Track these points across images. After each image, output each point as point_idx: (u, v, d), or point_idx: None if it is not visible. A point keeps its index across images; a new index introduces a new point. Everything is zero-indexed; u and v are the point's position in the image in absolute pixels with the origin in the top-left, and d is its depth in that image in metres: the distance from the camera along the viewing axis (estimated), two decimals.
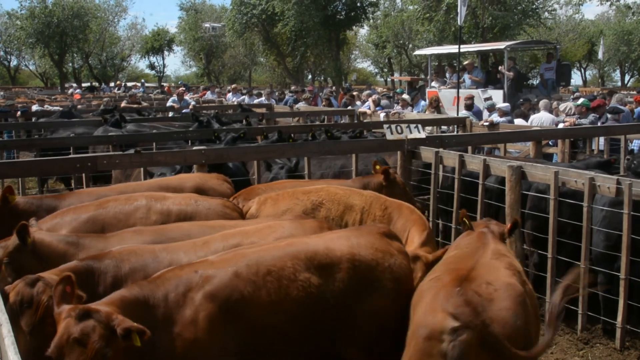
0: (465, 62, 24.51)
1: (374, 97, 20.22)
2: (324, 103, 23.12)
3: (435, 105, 18.00)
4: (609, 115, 13.98)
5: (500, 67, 22.40)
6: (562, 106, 15.75)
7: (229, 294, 3.90)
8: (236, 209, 6.17)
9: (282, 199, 6.19)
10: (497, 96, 19.71)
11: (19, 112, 18.96)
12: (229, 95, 28.60)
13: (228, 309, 3.87)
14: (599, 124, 13.77)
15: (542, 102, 15.42)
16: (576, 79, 61.12)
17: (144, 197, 5.92)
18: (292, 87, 32.81)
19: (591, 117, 14.19)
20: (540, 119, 14.60)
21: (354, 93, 23.08)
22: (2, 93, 39.27)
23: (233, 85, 35.12)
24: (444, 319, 3.73)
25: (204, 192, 6.57)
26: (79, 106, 21.39)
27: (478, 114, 16.27)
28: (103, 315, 3.44)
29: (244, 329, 3.90)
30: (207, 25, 58.61)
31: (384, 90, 34.95)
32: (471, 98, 17.29)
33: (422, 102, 19.92)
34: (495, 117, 15.13)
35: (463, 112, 16.36)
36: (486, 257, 4.36)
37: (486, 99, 16.84)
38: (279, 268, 4.09)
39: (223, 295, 3.88)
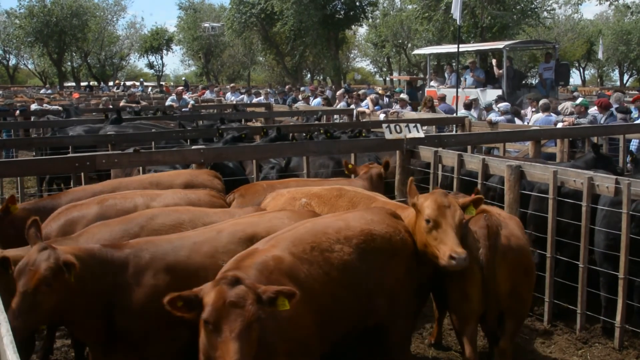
0: (469, 61, 24.55)
1: (372, 96, 20.23)
2: (322, 103, 23.12)
3: (430, 105, 18.01)
4: (618, 115, 14.01)
5: (494, 67, 22.44)
6: (560, 106, 15.76)
7: (297, 272, 4.31)
8: (221, 197, 6.57)
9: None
10: (495, 96, 19.75)
11: (17, 111, 18.94)
12: (228, 94, 28.59)
13: (302, 287, 4.17)
14: (602, 122, 13.79)
15: (542, 103, 15.43)
16: (575, 78, 61.26)
17: (140, 196, 6.05)
18: (287, 87, 32.65)
19: (590, 116, 14.20)
20: (540, 120, 14.62)
21: (359, 92, 23.07)
22: (0, 92, 39.26)
23: (232, 84, 35.10)
24: None
25: (195, 188, 6.73)
26: (78, 105, 21.35)
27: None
28: (250, 283, 3.72)
29: (313, 301, 4.29)
30: (206, 24, 58.56)
31: (383, 90, 34.85)
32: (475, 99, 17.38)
33: None
34: (495, 116, 15.15)
35: (462, 112, 16.36)
36: None
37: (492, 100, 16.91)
38: (318, 243, 4.56)
39: (294, 274, 4.27)
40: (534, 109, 16.33)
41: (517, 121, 15.44)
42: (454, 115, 16.82)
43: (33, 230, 4.38)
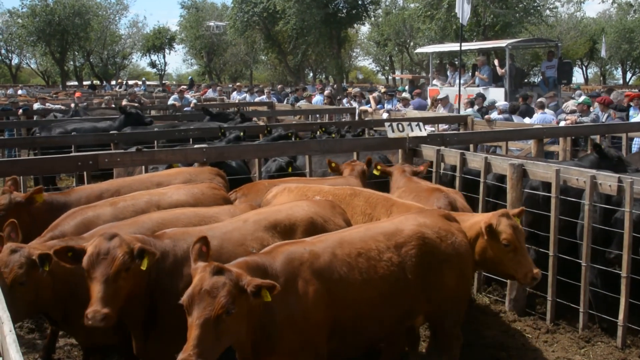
0: (477, 59, 24.50)
1: (375, 94, 20.22)
2: (325, 101, 23.13)
3: (437, 105, 18.07)
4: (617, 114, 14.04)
5: (497, 66, 22.41)
6: (564, 105, 15.76)
7: (331, 272, 4.41)
8: (223, 189, 6.74)
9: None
10: (499, 94, 19.76)
11: (20, 110, 18.95)
12: (234, 94, 28.55)
13: (330, 285, 4.36)
14: (603, 120, 13.78)
15: (537, 101, 15.44)
16: (578, 76, 61.16)
17: (148, 195, 6.19)
18: (279, 87, 32.53)
19: (592, 115, 14.19)
20: (543, 119, 14.62)
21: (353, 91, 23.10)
22: (2, 91, 39.27)
23: (237, 84, 35.05)
24: None
25: None
26: (80, 104, 21.33)
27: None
28: (234, 275, 3.85)
29: (342, 304, 4.41)
30: (211, 23, 58.41)
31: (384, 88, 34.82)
32: (482, 96, 17.37)
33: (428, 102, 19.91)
34: (494, 115, 15.16)
35: (468, 111, 16.32)
36: None
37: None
38: (366, 250, 4.64)
39: (327, 273, 4.38)
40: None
41: (522, 120, 15.42)
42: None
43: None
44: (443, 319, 5.13)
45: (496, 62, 22.36)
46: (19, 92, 34.40)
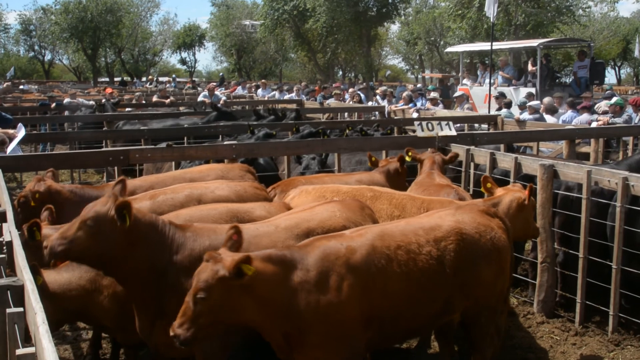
0: (500, 59, 24.35)
1: (405, 94, 20.17)
2: (354, 99, 23.10)
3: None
4: None
5: (530, 65, 22.23)
6: (596, 106, 15.58)
7: (368, 266, 4.42)
8: (264, 190, 6.64)
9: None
10: (526, 94, 19.58)
11: (53, 104, 19.21)
12: (259, 91, 28.65)
13: (367, 280, 4.38)
14: (636, 121, 13.60)
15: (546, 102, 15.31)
16: (610, 77, 60.35)
17: (189, 189, 6.17)
18: (302, 84, 32.50)
19: (625, 116, 14.01)
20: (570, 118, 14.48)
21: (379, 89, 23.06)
22: (36, 87, 39.82)
23: (262, 81, 35.12)
24: None
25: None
26: (111, 100, 21.56)
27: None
28: (219, 264, 4.00)
29: (380, 297, 4.44)
30: (247, 22, 58.50)
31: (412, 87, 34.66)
32: (502, 95, 17.21)
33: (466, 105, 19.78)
34: (525, 115, 15.03)
35: (503, 111, 16.18)
36: None
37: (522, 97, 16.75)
38: (406, 243, 4.65)
39: (364, 268, 4.39)
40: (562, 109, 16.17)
41: (551, 119, 15.27)
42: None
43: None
44: (479, 316, 5.12)
45: (530, 61, 22.15)
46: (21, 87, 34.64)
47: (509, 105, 16.86)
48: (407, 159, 7.77)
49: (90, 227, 4.47)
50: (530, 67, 21.76)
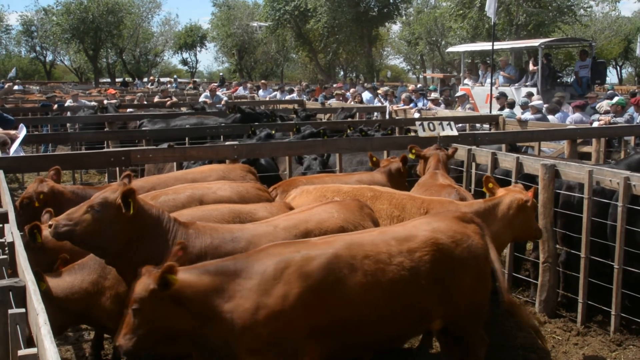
0: (500, 59, 24.34)
1: (404, 95, 20.16)
2: (356, 100, 23.09)
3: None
4: None
5: (530, 65, 22.22)
6: (597, 105, 15.56)
7: (325, 275, 4.29)
8: (267, 191, 6.62)
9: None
10: (526, 93, 19.56)
11: (55, 105, 19.22)
12: (260, 92, 28.64)
13: (323, 289, 4.26)
14: (638, 121, 13.59)
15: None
16: (612, 77, 60.31)
17: (191, 189, 6.19)
18: (303, 84, 32.48)
19: (627, 115, 14.00)
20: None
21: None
22: (38, 87, 39.84)
23: (262, 81, 35.09)
24: None
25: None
26: (112, 101, 21.57)
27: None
28: (147, 277, 4.06)
29: (340, 307, 4.33)
30: (254, 24, 58.35)
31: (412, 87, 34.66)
32: (504, 95, 17.20)
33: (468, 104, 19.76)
34: (527, 115, 15.01)
35: (505, 111, 16.17)
36: None
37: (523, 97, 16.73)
38: (375, 252, 4.53)
39: (319, 277, 4.26)
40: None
41: (553, 119, 15.25)
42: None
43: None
44: (464, 323, 5.06)
45: (531, 61, 22.14)
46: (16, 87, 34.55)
47: (511, 105, 16.85)
48: (411, 156, 7.77)
49: (96, 212, 4.55)
50: (531, 67, 21.75)
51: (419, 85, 29.43)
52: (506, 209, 5.82)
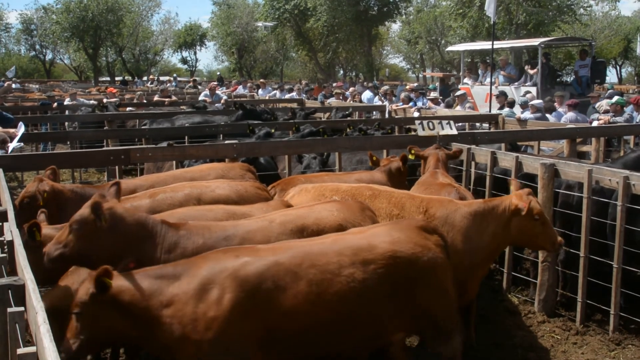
0: (500, 58, 24.33)
1: (403, 94, 20.16)
2: (355, 99, 23.10)
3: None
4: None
5: (525, 67, 22.22)
6: (597, 104, 15.56)
7: (262, 281, 4.14)
8: (266, 190, 6.56)
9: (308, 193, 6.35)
10: (524, 93, 19.56)
11: (55, 104, 19.23)
12: (260, 91, 28.62)
13: (256, 296, 4.10)
14: (637, 121, 13.59)
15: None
16: (611, 76, 60.32)
17: (189, 188, 6.15)
18: (303, 83, 32.46)
19: (626, 115, 14.00)
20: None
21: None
22: (37, 86, 39.82)
23: (261, 80, 35.06)
24: None
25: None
26: (112, 99, 21.56)
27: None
28: (87, 282, 4.08)
29: (279, 317, 4.14)
30: (259, 24, 58.24)
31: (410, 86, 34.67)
32: (504, 94, 17.21)
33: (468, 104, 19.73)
34: (527, 114, 15.01)
35: (505, 110, 16.16)
36: None
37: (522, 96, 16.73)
38: (324, 262, 4.33)
39: (255, 282, 4.13)
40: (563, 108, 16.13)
41: (551, 119, 15.26)
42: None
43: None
44: (429, 330, 4.81)
45: (526, 67, 22.14)
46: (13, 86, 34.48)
47: (511, 104, 16.85)
48: (411, 156, 7.77)
49: (77, 230, 4.63)
50: (530, 71, 21.73)
51: (414, 84, 29.43)
52: (502, 211, 5.75)
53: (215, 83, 29.23)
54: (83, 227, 4.64)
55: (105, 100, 20.87)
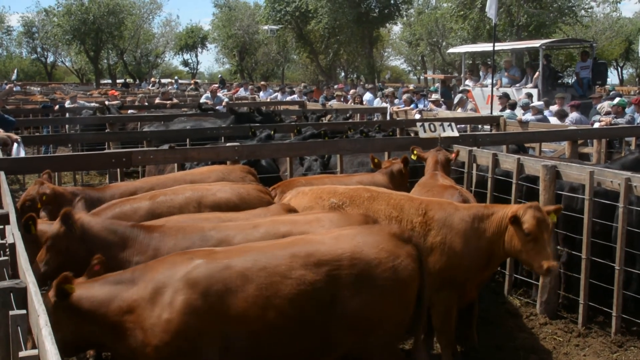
0: (504, 60, 24.32)
1: (405, 96, 20.15)
2: (356, 101, 23.10)
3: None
4: None
5: (529, 71, 22.24)
6: (598, 106, 15.56)
7: (213, 283, 4.10)
8: (268, 193, 6.52)
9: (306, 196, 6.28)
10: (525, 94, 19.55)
11: (57, 107, 19.24)
12: (261, 93, 28.61)
13: (208, 298, 4.07)
14: (639, 122, 13.59)
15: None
16: (613, 78, 60.25)
17: (190, 191, 6.15)
18: (303, 85, 32.49)
19: (628, 116, 14.00)
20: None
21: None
22: (39, 89, 39.84)
23: (262, 83, 35.05)
24: None
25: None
26: (114, 102, 21.57)
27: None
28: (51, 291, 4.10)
29: (226, 319, 4.10)
30: (265, 27, 58.17)
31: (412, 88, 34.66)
32: (506, 96, 17.23)
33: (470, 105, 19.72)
34: (528, 116, 15.00)
35: (506, 112, 16.15)
36: None
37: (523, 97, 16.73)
38: (275, 265, 4.23)
39: (206, 284, 4.09)
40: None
41: (554, 120, 15.25)
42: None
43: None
44: (371, 349, 4.52)
45: (529, 69, 22.15)
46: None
47: (513, 106, 16.84)
48: (413, 157, 7.77)
49: (51, 246, 4.84)
50: (530, 74, 21.74)
51: (411, 86, 29.40)
52: (500, 218, 5.68)
53: (217, 85, 29.22)
54: (57, 243, 4.82)
55: (107, 102, 20.88)
